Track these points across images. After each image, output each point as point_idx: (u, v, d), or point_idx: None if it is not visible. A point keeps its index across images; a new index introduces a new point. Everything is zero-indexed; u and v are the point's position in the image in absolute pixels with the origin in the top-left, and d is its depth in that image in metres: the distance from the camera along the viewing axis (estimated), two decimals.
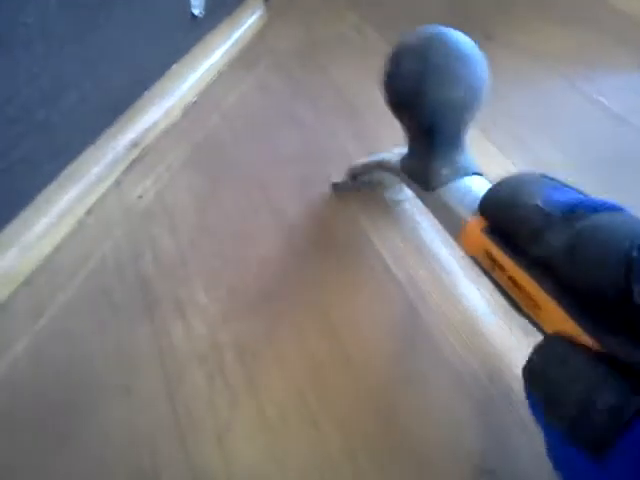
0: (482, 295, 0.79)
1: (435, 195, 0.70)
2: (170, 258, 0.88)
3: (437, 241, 0.87)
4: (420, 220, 0.91)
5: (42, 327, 0.80)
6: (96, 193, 0.97)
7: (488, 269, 0.60)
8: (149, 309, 0.81)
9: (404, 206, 0.94)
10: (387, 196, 0.95)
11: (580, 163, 0.98)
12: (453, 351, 0.74)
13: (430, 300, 0.80)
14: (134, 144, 1.05)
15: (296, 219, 0.93)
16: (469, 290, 0.80)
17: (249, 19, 1.41)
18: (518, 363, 0.70)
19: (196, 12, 1.19)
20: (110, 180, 1.00)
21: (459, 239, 0.66)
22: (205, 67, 1.25)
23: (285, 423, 0.68)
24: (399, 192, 0.94)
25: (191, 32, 1.22)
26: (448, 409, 0.69)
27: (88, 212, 0.96)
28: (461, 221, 0.65)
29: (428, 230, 0.89)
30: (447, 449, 0.65)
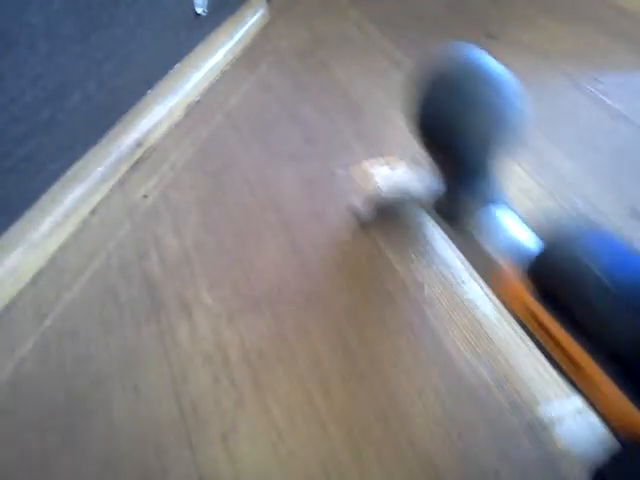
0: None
1: (464, 229, 0.67)
2: (174, 257, 0.88)
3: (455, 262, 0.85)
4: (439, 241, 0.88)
5: (48, 327, 0.80)
6: (100, 193, 0.98)
7: (528, 324, 0.56)
8: (154, 309, 0.81)
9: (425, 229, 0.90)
10: (407, 218, 0.92)
11: (583, 162, 0.98)
12: (463, 358, 0.74)
13: (438, 306, 0.80)
14: (138, 144, 1.05)
15: (309, 239, 0.92)
16: (477, 296, 0.81)
17: (252, 18, 1.41)
18: (526, 369, 0.71)
19: (199, 11, 1.19)
20: (114, 180, 1.01)
21: (492, 283, 0.63)
22: (208, 66, 1.25)
23: (290, 423, 0.68)
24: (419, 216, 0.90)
25: (194, 31, 1.22)
26: (455, 413, 0.69)
27: (93, 212, 0.96)
28: (494, 265, 0.60)
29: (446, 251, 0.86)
30: (454, 452, 0.65)
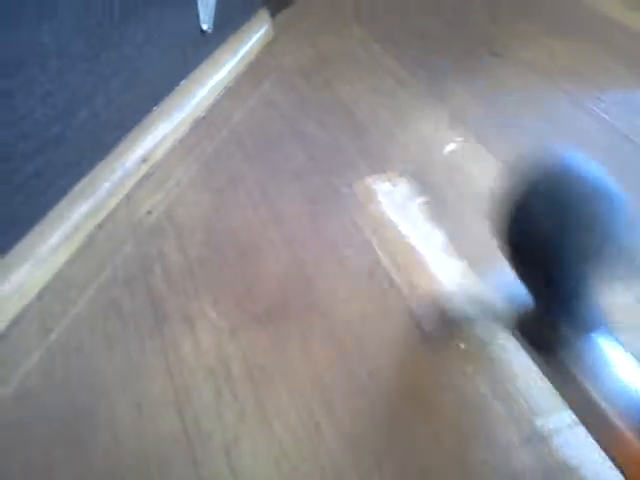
0: None
1: (559, 361, 0.57)
2: (178, 272, 0.89)
3: None
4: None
5: (53, 341, 0.81)
6: (107, 208, 0.99)
7: None
8: (158, 323, 0.82)
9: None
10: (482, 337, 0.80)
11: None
12: (461, 371, 0.75)
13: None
14: (143, 160, 1.06)
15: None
16: None
17: (256, 35, 1.43)
18: (527, 380, 0.72)
19: (205, 27, 1.21)
20: (120, 195, 1.02)
21: (602, 439, 0.55)
22: (213, 83, 1.27)
23: (292, 437, 0.69)
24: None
25: (200, 48, 1.24)
26: (454, 424, 0.70)
27: (99, 227, 0.97)
28: (605, 420, 0.52)
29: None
30: (452, 463, 0.66)
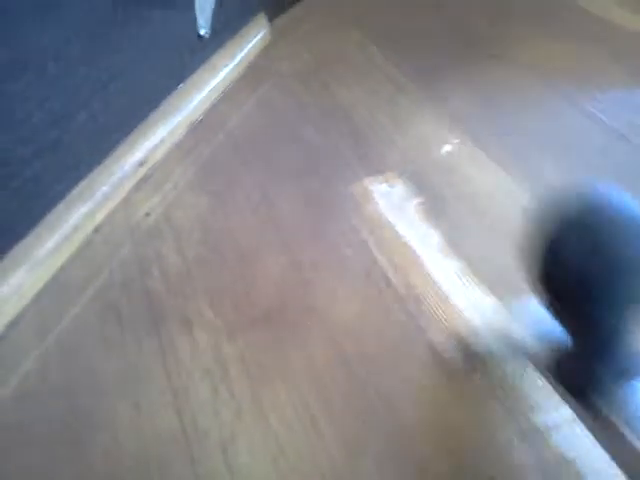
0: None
1: (597, 408, 0.54)
2: (176, 274, 0.90)
3: None
4: None
5: (51, 343, 0.82)
6: (104, 211, 1.00)
7: None
8: (156, 324, 0.83)
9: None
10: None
11: (580, 179, 1.00)
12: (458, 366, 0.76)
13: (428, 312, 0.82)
14: (141, 163, 1.07)
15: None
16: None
17: (254, 39, 1.44)
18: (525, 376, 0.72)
19: (202, 32, 1.22)
20: (118, 198, 1.03)
21: None
22: (210, 87, 1.27)
23: (289, 434, 0.69)
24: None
25: (197, 52, 1.25)
26: (451, 420, 0.70)
27: (96, 230, 0.98)
28: None
29: None
30: (450, 459, 0.66)
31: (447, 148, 1.08)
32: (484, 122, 1.15)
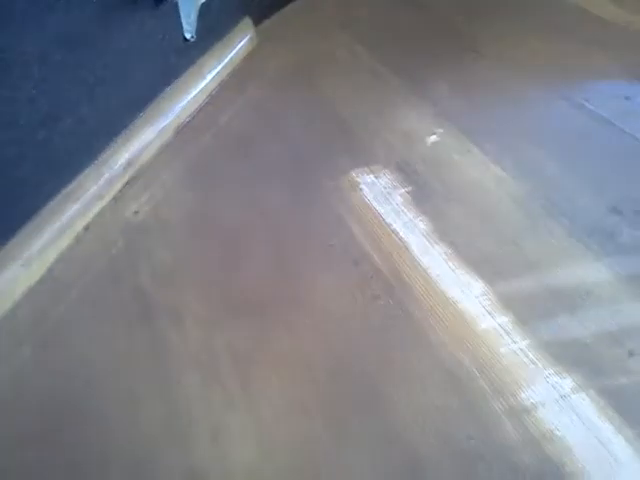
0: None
1: None
2: (165, 269, 0.91)
3: None
4: None
5: (43, 336, 0.82)
6: (94, 210, 1.01)
7: None
8: (146, 317, 0.84)
9: None
10: None
11: (568, 166, 1.01)
12: (445, 346, 0.76)
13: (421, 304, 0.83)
14: (130, 163, 1.08)
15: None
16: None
17: (240, 42, 1.45)
18: (507, 355, 0.73)
19: (188, 36, 1.24)
20: (108, 198, 1.04)
21: None
22: (198, 89, 1.29)
23: (279, 422, 0.70)
24: None
25: (183, 56, 1.27)
26: (437, 399, 0.71)
27: (86, 228, 0.99)
28: None
29: None
30: (436, 437, 0.67)
31: (432, 139, 1.10)
32: (467, 113, 1.16)
